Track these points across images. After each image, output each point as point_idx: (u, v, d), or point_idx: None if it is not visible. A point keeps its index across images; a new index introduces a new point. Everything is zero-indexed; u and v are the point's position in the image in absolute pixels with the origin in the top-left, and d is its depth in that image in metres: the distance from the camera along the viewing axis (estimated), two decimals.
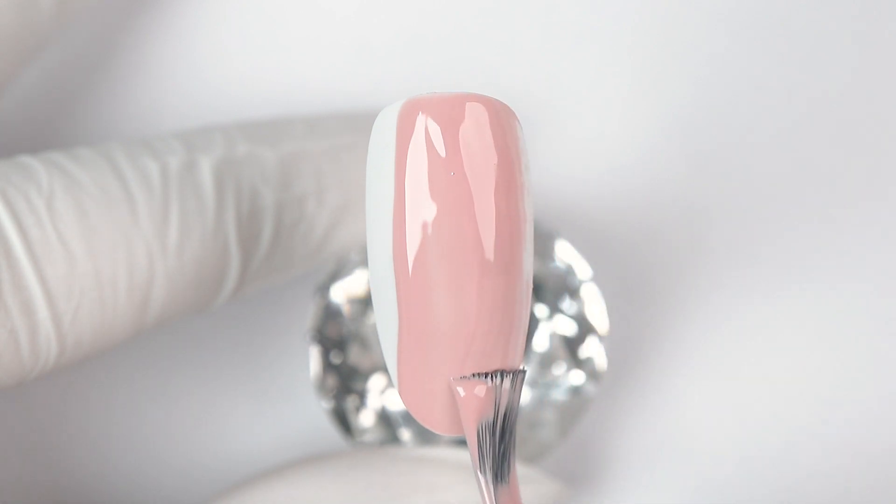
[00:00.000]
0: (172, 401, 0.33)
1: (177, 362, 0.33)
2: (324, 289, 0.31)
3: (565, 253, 0.32)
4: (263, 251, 0.29)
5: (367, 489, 0.28)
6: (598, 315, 0.32)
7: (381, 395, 0.32)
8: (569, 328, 0.32)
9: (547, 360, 0.32)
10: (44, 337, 0.25)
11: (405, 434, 0.32)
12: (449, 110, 0.22)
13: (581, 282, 0.32)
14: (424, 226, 0.22)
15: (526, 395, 0.32)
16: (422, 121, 0.22)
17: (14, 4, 0.27)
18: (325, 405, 0.31)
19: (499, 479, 0.23)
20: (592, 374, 0.32)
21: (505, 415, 0.23)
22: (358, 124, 0.30)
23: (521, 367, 0.23)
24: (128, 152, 0.27)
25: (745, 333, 0.34)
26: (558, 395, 0.32)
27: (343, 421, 0.31)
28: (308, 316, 0.31)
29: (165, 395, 0.33)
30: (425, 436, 0.32)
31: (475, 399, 0.23)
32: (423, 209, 0.22)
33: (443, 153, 0.22)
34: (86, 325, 0.26)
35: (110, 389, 0.33)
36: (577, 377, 0.32)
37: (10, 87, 0.29)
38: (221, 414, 0.33)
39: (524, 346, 0.24)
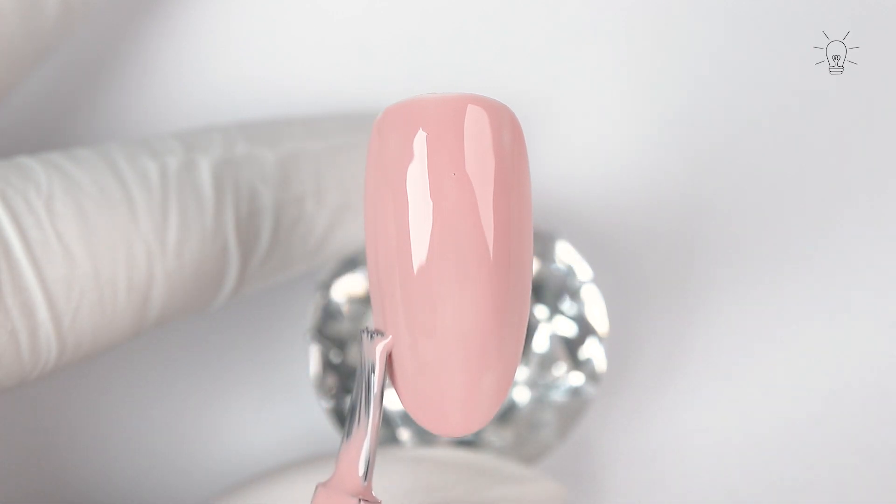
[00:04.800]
0: (172, 400, 0.33)
1: (177, 362, 0.33)
2: (324, 288, 0.31)
3: (566, 254, 0.32)
4: (263, 251, 0.29)
5: None
6: (598, 316, 0.32)
7: None
8: (569, 329, 0.32)
9: (547, 361, 0.32)
10: (44, 338, 0.25)
11: (404, 434, 0.32)
12: (449, 111, 0.22)
13: (581, 283, 0.32)
14: (426, 227, 0.22)
15: (526, 396, 0.32)
16: (423, 121, 0.22)
17: (19, 11, 0.27)
18: (325, 405, 0.31)
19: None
20: (592, 376, 0.32)
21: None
22: (358, 124, 0.30)
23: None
24: (127, 153, 0.27)
25: (745, 334, 0.34)
26: (558, 395, 0.32)
27: (343, 421, 0.31)
28: (308, 315, 0.31)
29: (165, 395, 0.33)
30: (424, 436, 0.32)
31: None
32: (424, 210, 0.22)
33: (444, 154, 0.22)
34: (86, 325, 0.26)
35: (110, 389, 0.33)
36: (576, 378, 0.32)
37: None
38: (221, 413, 0.33)
39: (523, 345, 0.24)
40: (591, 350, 0.32)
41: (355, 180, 0.30)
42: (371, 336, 0.23)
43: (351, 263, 0.31)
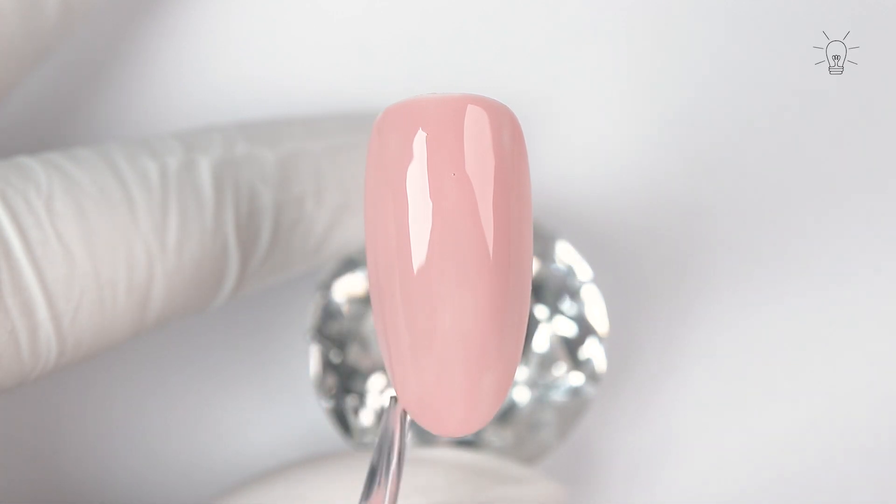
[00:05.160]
0: (173, 400, 0.33)
1: (177, 362, 0.33)
2: (324, 288, 0.31)
3: (566, 254, 0.32)
4: (262, 251, 0.29)
5: None
6: (598, 316, 0.32)
7: (380, 394, 0.32)
8: (569, 329, 0.32)
9: (547, 361, 0.32)
10: (44, 337, 0.25)
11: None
12: (449, 111, 0.22)
13: (581, 283, 0.32)
14: (425, 227, 0.22)
15: (525, 396, 0.32)
16: (423, 121, 0.22)
17: (19, 11, 0.27)
18: (325, 405, 0.31)
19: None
20: (592, 376, 0.32)
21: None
22: (358, 124, 0.30)
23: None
24: (126, 153, 0.27)
25: (745, 334, 0.34)
26: (558, 396, 0.32)
27: (343, 421, 0.31)
28: (308, 315, 0.31)
29: (166, 395, 0.33)
30: (424, 436, 0.32)
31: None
32: (424, 210, 0.22)
33: (443, 154, 0.22)
34: (85, 325, 0.26)
35: (110, 389, 0.33)
36: (576, 378, 0.32)
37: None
38: (221, 413, 0.33)
39: (523, 345, 0.24)
40: (591, 350, 0.32)
41: (355, 180, 0.30)
42: (394, 401, 0.23)
43: (351, 263, 0.31)
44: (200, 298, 0.28)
